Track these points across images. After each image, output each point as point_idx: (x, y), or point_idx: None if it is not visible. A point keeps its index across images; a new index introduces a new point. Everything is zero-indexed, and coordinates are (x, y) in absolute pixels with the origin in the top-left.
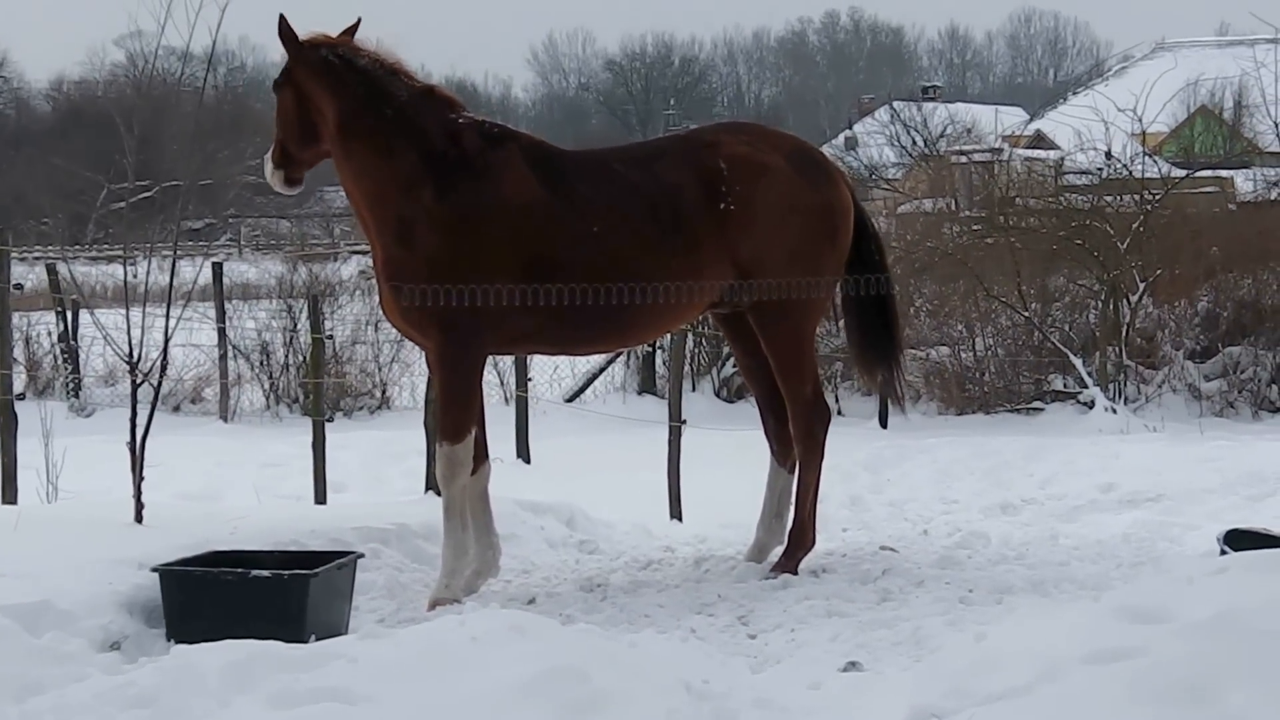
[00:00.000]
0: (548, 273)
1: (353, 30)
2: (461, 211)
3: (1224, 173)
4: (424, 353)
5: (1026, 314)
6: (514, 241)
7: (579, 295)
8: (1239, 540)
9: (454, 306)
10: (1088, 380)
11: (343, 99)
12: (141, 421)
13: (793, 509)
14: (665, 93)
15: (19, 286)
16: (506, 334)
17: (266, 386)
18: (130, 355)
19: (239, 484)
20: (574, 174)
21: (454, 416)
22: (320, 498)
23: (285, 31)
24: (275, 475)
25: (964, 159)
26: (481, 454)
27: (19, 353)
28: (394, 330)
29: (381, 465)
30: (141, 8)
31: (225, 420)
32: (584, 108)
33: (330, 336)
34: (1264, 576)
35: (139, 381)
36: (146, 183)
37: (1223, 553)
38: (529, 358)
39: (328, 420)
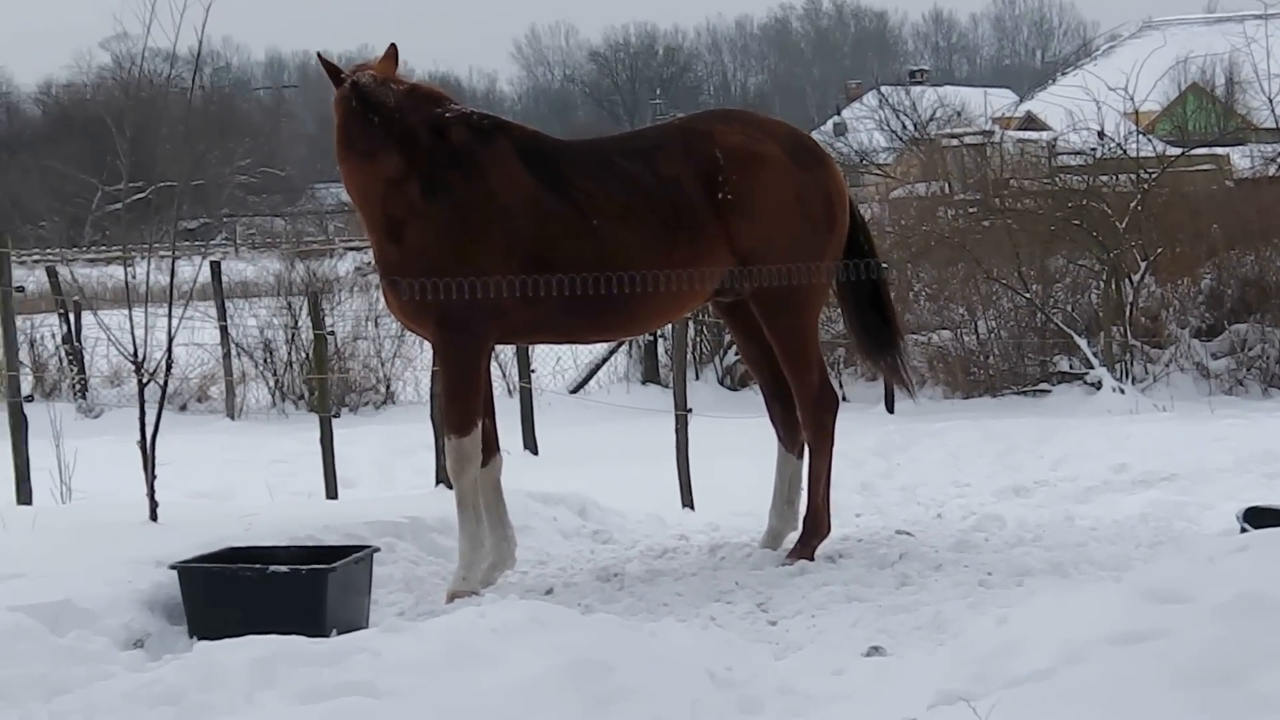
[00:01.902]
0: (545, 264)
1: (391, 56)
2: (449, 206)
3: (1220, 150)
4: (431, 347)
5: (1028, 296)
6: (506, 234)
7: (578, 286)
8: (1259, 518)
9: (450, 300)
10: (1094, 361)
11: (339, 115)
12: (150, 421)
13: (804, 495)
14: (651, 83)
15: (21, 289)
16: (507, 326)
17: (271, 384)
18: (135, 355)
19: (249, 481)
20: (570, 166)
21: (459, 410)
22: (331, 493)
23: (327, 67)
24: (285, 472)
25: (955, 142)
26: (492, 446)
27: (24, 355)
28: (395, 325)
29: (390, 460)
30: (126, 9)
31: (232, 418)
32: (570, 100)
33: (331, 333)
34: None
35: (145, 381)
36: (140, 184)
37: (1243, 530)
38: (531, 349)
39: (334, 416)
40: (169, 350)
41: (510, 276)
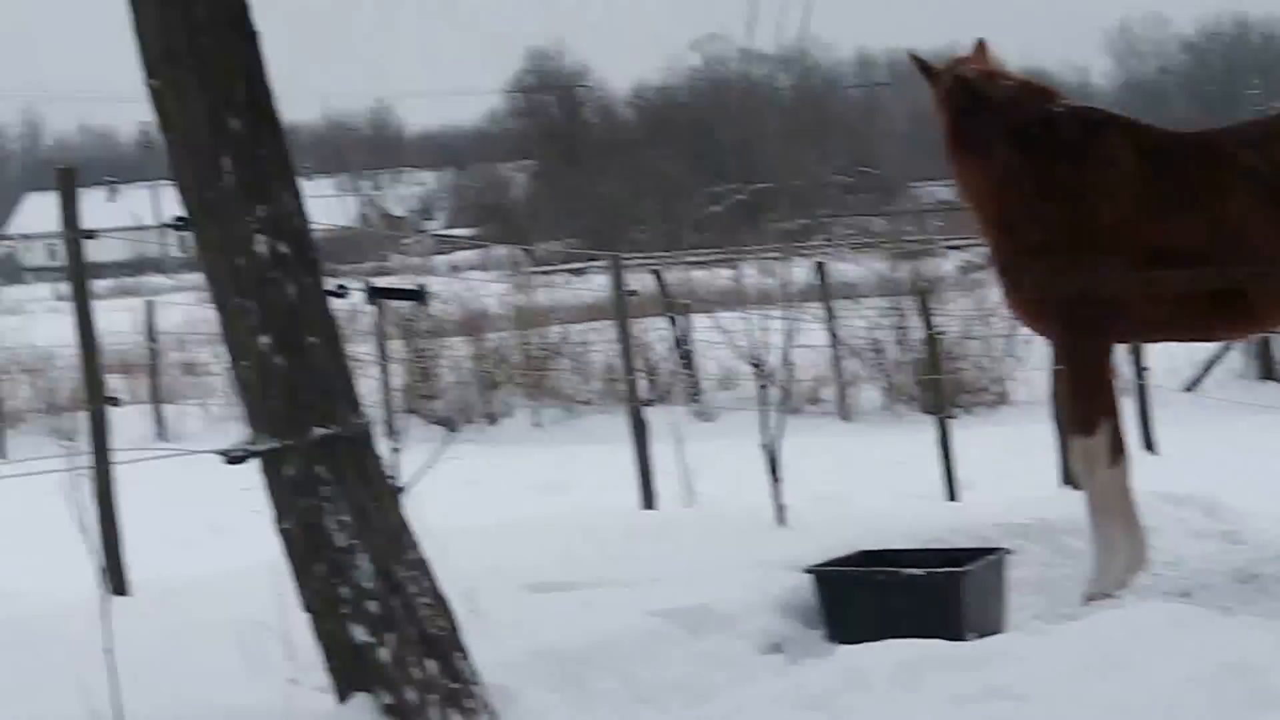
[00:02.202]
0: (1164, 258)
1: (982, 51)
2: (1066, 202)
3: None
4: (1050, 345)
5: None
6: (1125, 227)
7: (1202, 280)
8: None
9: (1071, 297)
10: None
11: (947, 111)
12: (772, 423)
13: None
14: (1247, 72)
15: (633, 293)
16: (1128, 322)
17: (883, 385)
18: (754, 359)
19: (866, 483)
20: (1184, 157)
21: (1082, 408)
22: (950, 494)
23: (920, 66)
24: (901, 474)
25: None
26: (1120, 446)
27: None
28: (1006, 325)
29: (1007, 461)
30: (725, 12)
31: (844, 420)
32: (1164, 92)
33: (942, 332)
34: None
35: (764, 384)
36: (735, 186)
37: None
38: (1143, 347)
39: (948, 417)
40: (786, 353)
41: (1131, 272)
